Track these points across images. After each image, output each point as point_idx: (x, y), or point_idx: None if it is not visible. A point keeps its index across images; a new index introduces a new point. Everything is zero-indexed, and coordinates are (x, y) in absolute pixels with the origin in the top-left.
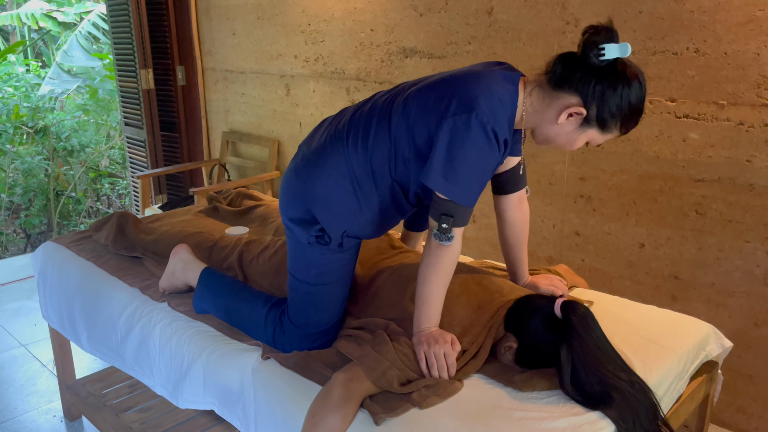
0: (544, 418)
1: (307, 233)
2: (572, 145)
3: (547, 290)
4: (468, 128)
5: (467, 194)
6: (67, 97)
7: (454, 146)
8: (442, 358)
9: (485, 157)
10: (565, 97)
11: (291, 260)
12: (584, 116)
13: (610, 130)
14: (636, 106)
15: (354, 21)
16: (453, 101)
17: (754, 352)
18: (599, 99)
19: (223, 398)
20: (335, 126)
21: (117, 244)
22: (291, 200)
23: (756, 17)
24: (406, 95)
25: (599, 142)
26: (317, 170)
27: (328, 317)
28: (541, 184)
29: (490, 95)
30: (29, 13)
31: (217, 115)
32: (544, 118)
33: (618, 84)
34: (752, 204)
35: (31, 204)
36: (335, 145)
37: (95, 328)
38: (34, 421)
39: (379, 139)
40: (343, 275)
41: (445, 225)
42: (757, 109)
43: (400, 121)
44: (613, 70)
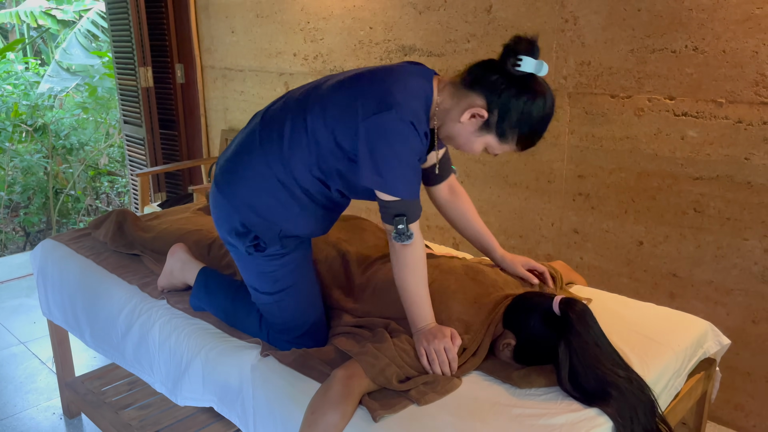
0: (542, 415)
1: (243, 244)
2: (470, 146)
3: (524, 274)
4: (390, 124)
5: (408, 187)
6: (66, 95)
7: (379, 145)
8: (442, 353)
9: (412, 148)
10: (472, 98)
11: (243, 275)
12: (485, 120)
13: (506, 141)
14: (535, 126)
15: (353, 19)
16: (370, 100)
17: (751, 349)
18: (502, 106)
19: (222, 395)
20: (246, 131)
21: (116, 242)
22: (219, 215)
23: (754, 15)
24: (321, 93)
25: (497, 152)
26: (235, 177)
27: (304, 318)
28: (539, 181)
29: (406, 91)
30: (28, 11)
31: (216, 113)
32: (450, 115)
33: (524, 97)
34: (750, 201)
35: (30, 202)
36: (249, 149)
37: (96, 325)
38: (33, 418)
39: (295, 136)
40: (300, 276)
41: (401, 225)
42: (755, 107)
43: (317, 118)
44: (525, 83)
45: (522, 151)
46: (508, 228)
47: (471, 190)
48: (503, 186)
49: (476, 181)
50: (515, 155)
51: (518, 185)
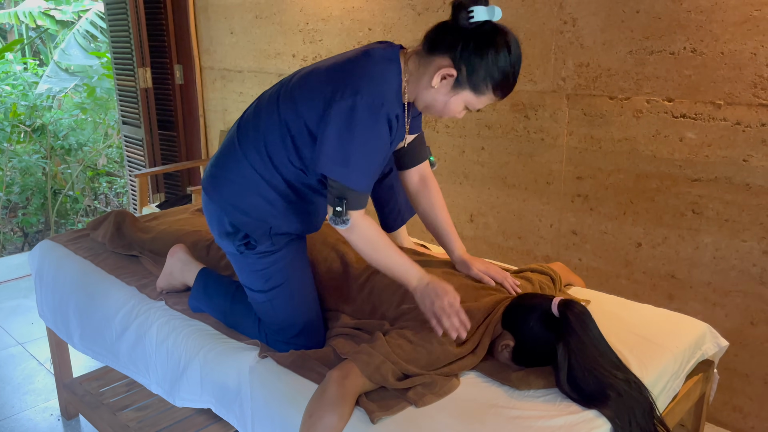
0: (540, 417)
1: (234, 243)
2: (449, 109)
3: (477, 275)
4: (354, 111)
5: (359, 178)
6: (65, 96)
7: (343, 131)
8: (447, 309)
9: (375, 138)
10: (437, 60)
11: (238, 274)
12: (455, 78)
13: (483, 93)
14: (506, 69)
15: (352, 20)
16: (337, 86)
17: (750, 351)
18: (467, 59)
19: (220, 397)
20: (228, 136)
21: (114, 243)
22: (210, 218)
23: (753, 17)
24: (291, 86)
25: (477, 107)
26: (220, 180)
27: (298, 318)
28: (538, 183)
29: (372, 76)
30: (27, 11)
31: (215, 114)
32: (421, 84)
33: (485, 45)
34: (748, 203)
35: (28, 202)
36: (230, 152)
37: (89, 326)
38: (31, 419)
39: (271, 131)
40: (291, 274)
41: (339, 208)
42: (753, 109)
43: (288, 110)
44: (482, 32)
45: (503, 98)
46: (507, 229)
47: (470, 191)
48: (502, 187)
49: (475, 182)
50: (513, 157)
51: (517, 186)
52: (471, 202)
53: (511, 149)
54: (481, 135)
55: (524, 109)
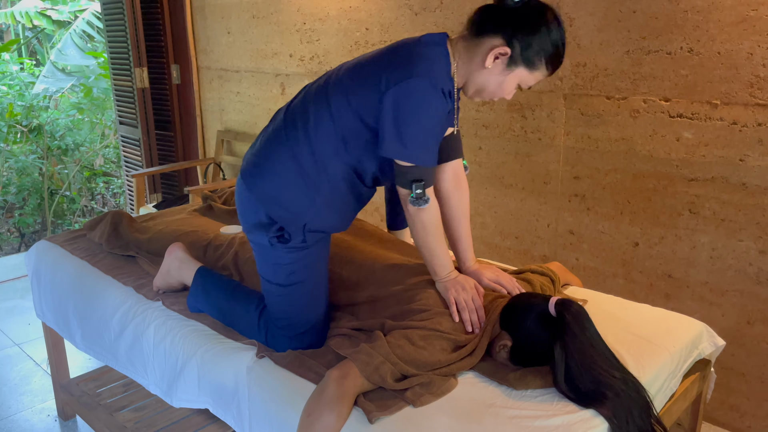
0: (538, 416)
1: (267, 235)
2: (502, 88)
3: (489, 285)
4: (413, 92)
5: (427, 155)
6: (62, 96)
7: (403, 113)
8: (471, 302)
9: (435, 112)
10: (488, 41)
11: (260, 265)
12: (509, 55)
13: (537, 68)
14: (557, 43)
15: (349, 20)
16: (392, 72)
17: (746, 350)
18: (521, 36)
19: (217, 397)
20: (272, 126)
21: (111, 243)
22: (244, 207)
23: (749, 17)
24: (340, 77)
25: (529, 83)
26: (262, 170)
27: (309, 316)
28: (535, 183)
29: (425, 56)
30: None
31: (212, 114)
32: (472, 66)
33: (536, 21)
34: (745, 203)
35: (25, 203)
36: (276, 142)
37: (89, 326)
38: (28, 420)
39: (320, 122)
40: (314, 273)
41: (420, 190)
42: (750, 109)
43: (340, 100)
44: (530, 9)
45: (552, 73)
46: (504, 229)
47: None
48: (499, 187)
49: (472, 182)
50: (510, 157)
51: (514, 186)
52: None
53: (508, 149)
54: (479, 135)
55: (521, 109)
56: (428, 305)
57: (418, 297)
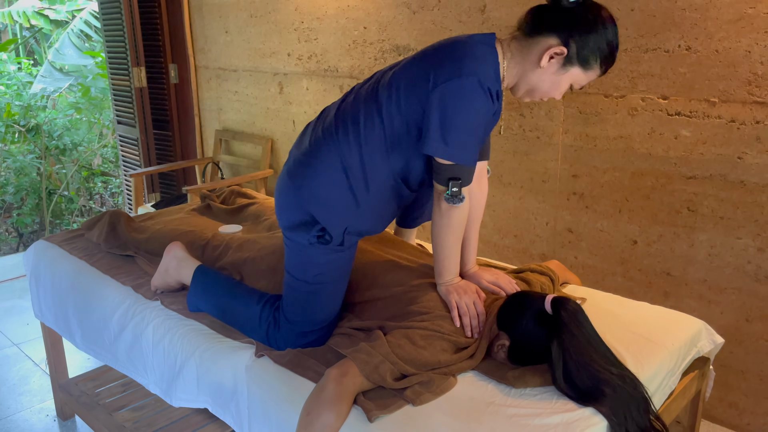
0: (537, 415)
1: (308, 234)
2: (556, 88)
3: (488, 287)
4: (461, 91)
5: (468, 155)
6: (59, 96)
7: (450, 111)
8: (473, 307)
9: (481, 112)
10: (543, 41)
11: (290, 260)
12: (565, 55)
13: (591, 68)
14: (612, 43)
15: (347, 19)
16: (440, 70)
17: (745, 348)
18: (577, 36)
19: (216, 396)
20: (322, 125)
21: (109, 243)
22: (288, 204)
23: (747, 15)
24: (390, 77)
25: (582, 83)
26: (311, 170)
27: (324, 315)
28: (534, 181)
29: (475, 56)
30: (21, 11)
31: (210, 113)
32: (526, 66)
33: (592, 21)
34: (743, 201)
35: (23, 203)
36: (326, 143)
37: (88, 326)
38: (26, 420)
39: (370, 125)
40: (341, 275)
41: (456, 189)
42: (748, 107)
43: (389, 102)
44: (584, 8)
45: (605, 73)
46: (503, 228)
47: None
48: (497, 185)
49: None
50: (509, 155)
51: (512, 185)
52: None
53: (506, 148)
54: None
55: (520, 107)
56: (429, 308)
57: (419, 299)
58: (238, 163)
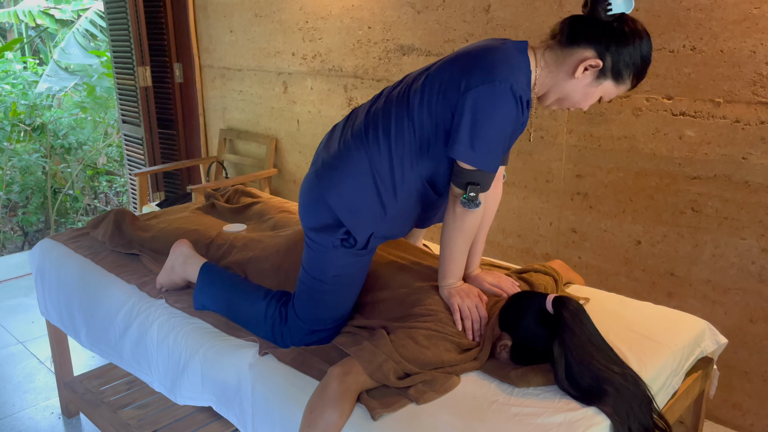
0: (540, 414)
1: (332, 237)
2: (587, 99)
3: (490, 289)
4: (493, 96)
5: (492, 161)
6: (65, 95)
7: (480, 116)
8: (475, 311)
9: (510, 119)
10: (579, 52)
11: (309, 259)
12: (600, 68)
13: (623, 82)
14: (646, 58)
15: (351, 18)
16: (473, 74)
17: (749, 348)
18: (614, 49)
19: (220, 394)
20: (351, 127)
21: (114, 242)
22: (313, 206)
23: (752, 15)
24: (422, 81)
25: (612, 96)
26: (340, 173)
27: (336, 316)
28: (538, 181)
29: (508, 62)
30: (26, 11)
31: (215, 113)
32: (560, 75)
33: (629, 35)
34: (748, 201)
35: (28, 201)
36: (356, 146)
37: (93, 324)
38: (32, 418)
39: (401, 129)
40: (359, 277)
41: (473, 193)
42: (752, 107)
43: (421, 106)
44: (621, 22)
45: (633, 88)
46: (507, 227)
47: None
48: None
49: None
50: (513, 155)
51: (516, 185)
52: None
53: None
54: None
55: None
56: (433, 310)
57: (422, 301)
58: (242, 162)
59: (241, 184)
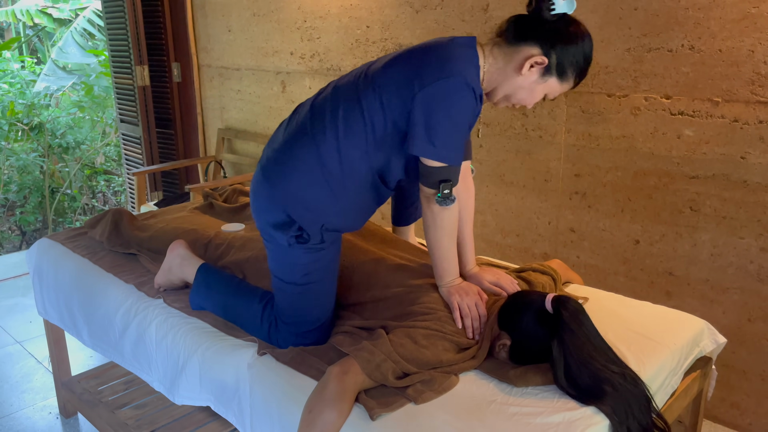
0: (538, 413)
1: (286, 235)
2: (533, 96)
3: (490, 288)
4: (448, 92)
5: (456, 155)
6: (63, 94)
7: (437, 112)
8: (474, 309)
9: (468, 112)
10: (525, 50)
11: (274, 263)
12: (546, 65)
13: (567, 80)
14: (589, 56)
15: (350, 18)
16: (425, 72)
17: (747, 347)
18: (559, 48)
19: (218, 394)
20: (296, 121)
21: (112, 241)
22: (264, 204)
23: (750, 14)
24: (371, 75)
25: (556, 94)
26: (285, 168)
27: (319, 314)
28: (536, 180)
29: (459, 57)
30: (24, 10)
31: (213, 112)
32: (507, 72)
33: (573, 34)
34: (746, 200)
35: (26, 201)
36: (300, 139)
37: (94, 324)
38: (29, 418)
39: (350, 121)
40: (328, 273)
41: (447, 190)
42: (751, 106)
43: (373, 100)
44: (565, 22)
45: (575, 86)
46: (505, 227)
47: None
48: (500, 185)
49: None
50: (511, 154)
51: (515, 184)
52: None
53: (509, 147)
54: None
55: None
56: (431, 308)
57: (421, 299)
58: (240, 161)
59: (239, 184)
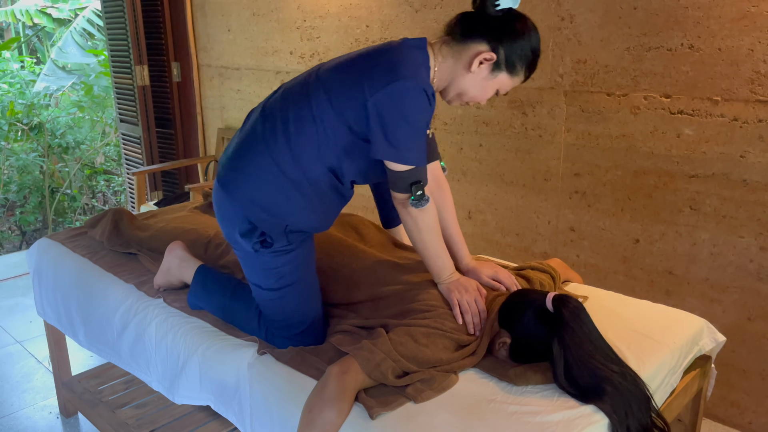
0: (538, 412)
1: (250, 242)
2: (483, 93)
3: (488, 282)
4: (400, 94)
5: (420, 155)
6: (62, 94)
7: (393, 115)
8: (474, 305)
9: (423, 113)
10: (474, 46)
11: (247, 271)
12: (494, 60)
13: (517, 74)
14: (537, 50)
15: (349, 17)
16: (375, 77)
17: (747, 346)
18: (507, 43)
19: (218, 394)
20: (247, 128)
21: (112, 241)
22: (224, 213)
23: (750, 13)
24: (321, 78)
25: (508, 89)
26: (240, 174)
27: (304, 316)
28: (536, 180)
29: (410, 60)
30: (24, 10)
31: (213, 112)
32: (457, 70)
33: (519, 29)
34: (746, 199)
35: (26, 201)
36: (252, 145)
37: (91, 324)
38: (30, 417)
39: (301, 125)
40: (303, 273)
41: (420, 192)
42: (750, 105)
43: (323, 103)
44: (510, 17)
45: (526, 80)
46: (505, 226)
47: (468, 188)
48: (500, 184)
49: (473, 179)
50: (511, 154)
51: (515, 183)
52: (469, 199)
53: (508, 146)
54: (479, 132)
55: (522, 105)
56: (431, 305)
57: (420, 297)
58: None
59: None
